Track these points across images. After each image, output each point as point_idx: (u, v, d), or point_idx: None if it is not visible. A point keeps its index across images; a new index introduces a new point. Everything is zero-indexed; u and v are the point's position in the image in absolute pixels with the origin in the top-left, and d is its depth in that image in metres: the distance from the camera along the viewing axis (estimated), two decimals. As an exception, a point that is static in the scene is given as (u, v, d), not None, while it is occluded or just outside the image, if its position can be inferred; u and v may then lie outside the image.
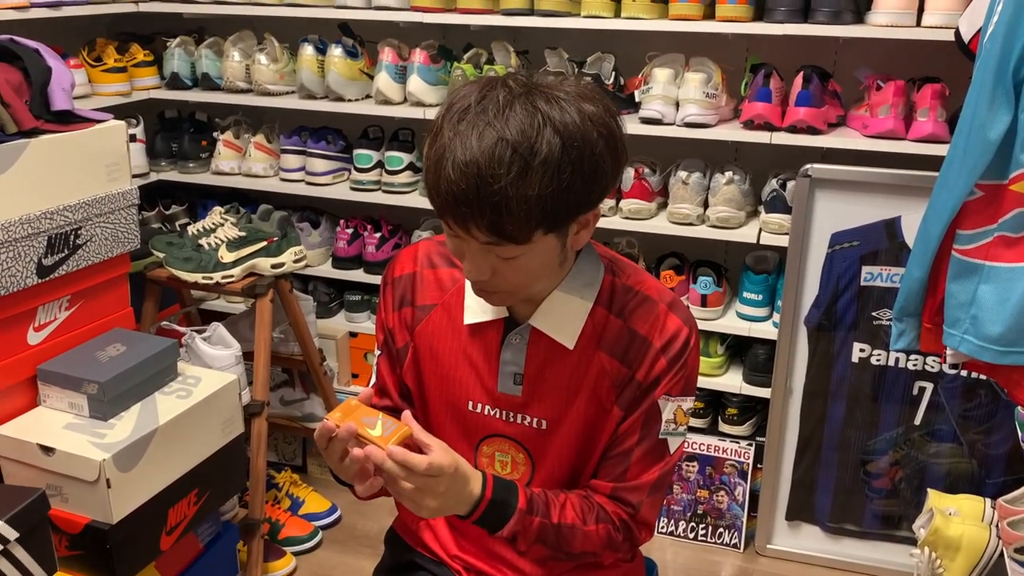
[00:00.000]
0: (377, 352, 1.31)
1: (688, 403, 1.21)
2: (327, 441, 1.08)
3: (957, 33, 1.72)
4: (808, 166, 2.09)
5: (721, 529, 2.40)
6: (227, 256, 2.12)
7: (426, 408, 1.27)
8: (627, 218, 2.33)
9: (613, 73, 2.34)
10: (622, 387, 1.18)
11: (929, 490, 2.00)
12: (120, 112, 2.30)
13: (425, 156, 1.03)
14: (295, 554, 2.28)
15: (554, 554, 1.20)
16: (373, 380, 1.33)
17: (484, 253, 1.05)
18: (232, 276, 2.12)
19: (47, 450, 1.61)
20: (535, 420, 1.21)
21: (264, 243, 2.16)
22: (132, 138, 2.54)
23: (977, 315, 1.50)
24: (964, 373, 2.08)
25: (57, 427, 1.66)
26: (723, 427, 2.43)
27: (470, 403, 1.23)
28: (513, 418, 1.22)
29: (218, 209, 2.23)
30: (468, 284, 1.21)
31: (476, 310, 1.21)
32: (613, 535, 1.21)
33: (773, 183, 2.24)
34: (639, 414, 1.18)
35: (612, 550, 1.23)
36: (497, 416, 1.22)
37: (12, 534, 1.41)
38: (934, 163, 1.72)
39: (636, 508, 1.21)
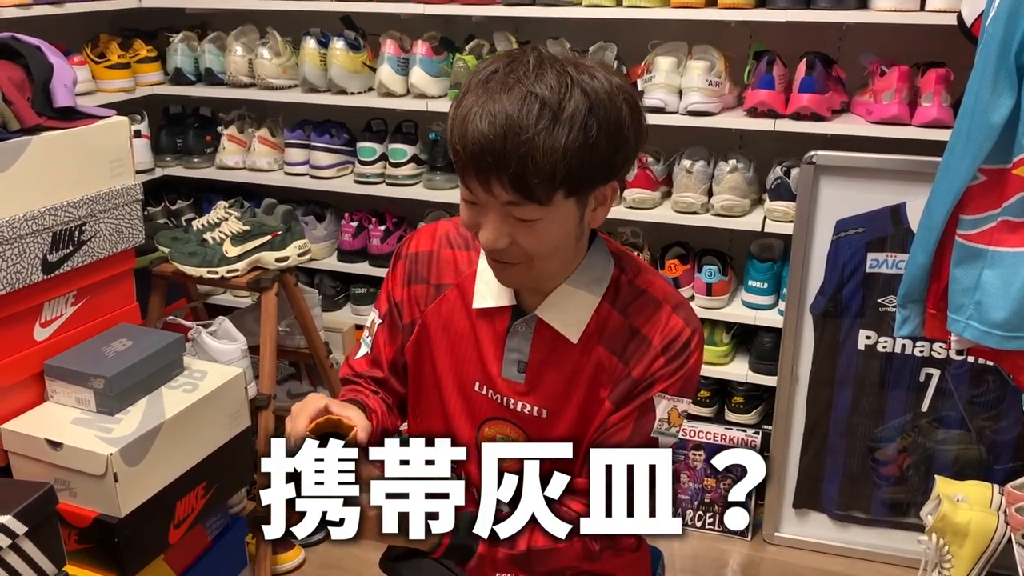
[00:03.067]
0: (378, 321, 1.31)
1: (684, 405, 1.18)
2: None
3: (959, 17, 1.71)
4: (812, 153, 2.07)
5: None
6: (232, 250, 2.13)
7: (438, 383, 1.27)
8: (631, 208, 2.32)
9: (615, 62, 2.33)
10: (616, 383, 1.17)
11: (937, 477, 2.00)
12: (124, 108, 2.31)
13: (451, 119, 1.04)
14: (303, 546, 2.29)
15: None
16: (364, 351, 1.32)
17: (503, 218, 1.05)
18: (237, 270, 2.13)
19: (55, 445, 1.62)
20: (536, 408, 1.21)
21: (268, 237, 2.17)
22: (137, 134, 2.55)
23: (981, 300, 1.49)
24: (971, 359, 2.07)
25: (64, 422, 1.67)
26: (729, 416, 2.43)
27: (476, 383, 1.24)
28: (515, 404, 1.22)
29: (222, 203, 2.24)
30: (480, 270, 1.22)
31: (486, 295, 1.22)
32: (589, 546, 1.17)
33: (777, 170, 2.23)
34: (632, 409, 1.16)
35: (589, 561, 1.20)
36: (499, 400, 1.23)
37: (21, 528, 1.41)
38: (939, 148, 1.70)
39: None
